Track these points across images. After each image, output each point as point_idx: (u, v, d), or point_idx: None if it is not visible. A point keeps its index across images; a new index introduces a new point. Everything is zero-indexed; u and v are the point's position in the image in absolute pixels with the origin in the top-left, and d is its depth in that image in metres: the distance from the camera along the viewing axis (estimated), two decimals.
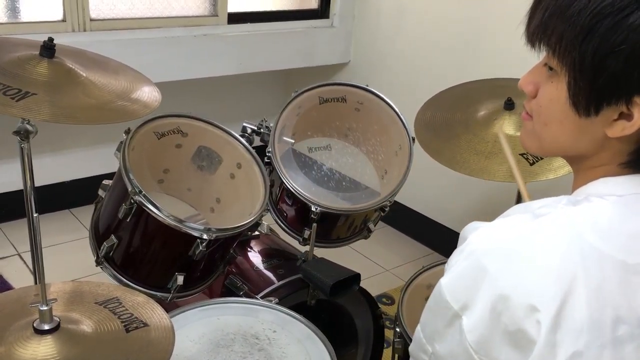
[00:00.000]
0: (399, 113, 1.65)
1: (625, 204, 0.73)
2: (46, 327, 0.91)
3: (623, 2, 0.67)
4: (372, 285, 2.33)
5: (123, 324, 0.97)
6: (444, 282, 0.75)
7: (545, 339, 0.67)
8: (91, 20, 2.38)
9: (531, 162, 1.44)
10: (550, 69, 0.75)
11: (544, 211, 0.73)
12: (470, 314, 0.72)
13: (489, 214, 0.80)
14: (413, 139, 1.62)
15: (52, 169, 2.71)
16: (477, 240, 0.74)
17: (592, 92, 0.71)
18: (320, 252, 1.69)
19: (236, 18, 2.75)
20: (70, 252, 2.46)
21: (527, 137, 0.82)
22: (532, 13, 0.76)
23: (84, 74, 1.23)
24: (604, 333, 0.67)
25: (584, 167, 0.79)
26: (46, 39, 1.27)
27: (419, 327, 0.83)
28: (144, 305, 1.03)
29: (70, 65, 1.23)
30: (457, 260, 0.75)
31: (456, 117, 1.57)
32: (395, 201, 1.66)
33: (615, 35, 0.67)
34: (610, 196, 0.73)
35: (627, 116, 0.71)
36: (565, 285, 0.67)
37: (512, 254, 0.71)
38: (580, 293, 0.67)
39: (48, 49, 1.21)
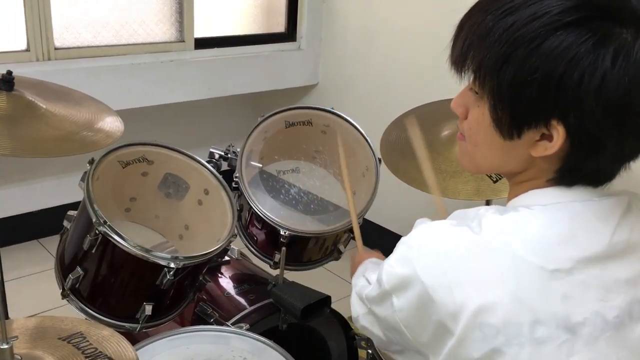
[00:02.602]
0: (364, 135, 1.67)
1: (547, 212, 0.76)
2: None
3: (534, 32, 0.70)
4: (346, 305, 2.31)
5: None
6: (386, 262, 0.82)
7: (462, 334, 0.73)
8: (55, 49, 2.36)
9: (494, 179, 1.46)
10: (476, 92, 0.78)
11: (476, 222, 0.77)
12: (400, 297, 0.80)
13: None
14: (379, 160, 1.64)
15: (20, 199, 2.66)
16: (416, 239, 0.80)
17: (512, 118, 0.74)
18: (292, 275, 1.69)
19: (203, 43, 2.76)
20: (38, 283, 2.42)
21: (462, 157, 0.87)
22: (454, 41, 0.79)
23: (44, 106, 1.22)
24: (521, 333, 0.72)
25: (516, 182, 0.83)
26: (7, 70, 1.26)
27: (362, 281, 0.97)
28: (109, 338, 1.01)
29: (30, 98, 1.22)
30: (400, 248, 0.82)
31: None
32: (366, 220, 1.66)
33: (529, 63, 0.70)
34: (535, 206, 0.77)
35: (549, 136, 0.73)
36: (488, 290, 0.73)
37: (442, 260, 0.76)
38: (500, 297, 0.72)
39: (6, 82, 1.20)
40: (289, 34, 3.03)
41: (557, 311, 0.72)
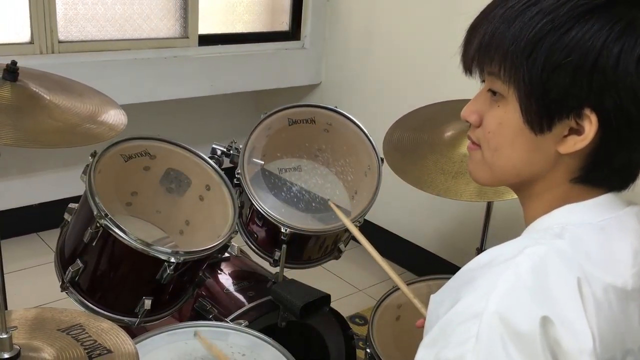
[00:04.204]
0: (367, 134, 1.67)
1: (603, 231, 0.73)
2: (6, 355, 0.90)
3: (562, 17, 0.69)
4: (345, 305, 2.32)
5: (86, 351, 0.95)
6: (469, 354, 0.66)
7: None
8: (59, 42, 2.36)
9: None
10: (494, 93, 0.76)
11: (537, 250, 0.69)
12: None
13: (459, 232, 0.79)
14: (382, 160, 1.64)
15: (20, 192, 2.66)
16: (501, 303, 0.66)
17: (543, 107, 0.72)
18: (292, 273, 1.69)
19: (207, 40, 2.76)
20: (37, 277, 2.41)
21: (475, 168, 0.81)
22: (469, 38, 0.77)
23: (48, 97, 1.22)
24: None
25: (536, 193, 0.78)
26: (11, 60, 1.26)
27: None
28: (108, 331, 1.01)
29: (34, 89, 1.21)
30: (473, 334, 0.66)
31: (423, 138, 1.59)
32: (367, 221, 1.66)
33: (561, 48, 0.69)
34: (584, 224, 0.73)
35: (577, 131, 0.71)
36: (588, 326, 0.66)
37: (535, 297, 0.66)
38: (595, 333, 0.66)
39: (11, 72, 1.19)
40: (293, 33, 3.03)
41: (638, 335, 0.70)
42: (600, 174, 0.74)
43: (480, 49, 0.75)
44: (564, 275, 0.67)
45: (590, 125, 0.70)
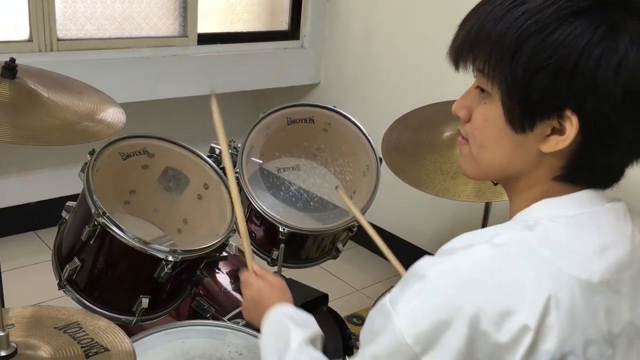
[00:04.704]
0: (366, 134, 1.67)
1: (576, 224, 0.73)
2: (3, 353, 0.89)
3: (547, 19, 0.69)
4: (343, 305, 2.32)
5: (83, 349, 0.95)
6: (402, 326, 0.70)
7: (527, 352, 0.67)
8: (58, 40, 2.35)
9: (495, 182, 1.45)
10: (483, 90, 0.77)
11: (502, 239, 0.71)
12: (434, 355, 0.69)
13: (457, 232, 0.79)
14: (380, 160, 1.64)
15: (18, 190, 2.66)
16: (441, 277, 0.70)
17: (524, 108, 0.72)
18: (290, 273, 1.68)
19: (206, 39, 2.75)
20: (34, 275, 2.41)
21: (464, 162, 0.83)
22: (457, 33, 0.78)
23: (47, 95, 1.22)
24: (575, 357, 0.68)
25: (520, 189, 0.79)
26: (10, 58, 1.25)
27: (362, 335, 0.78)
28: (105, 329, 1.01)
29: (33, 86, 1.21)
30: (419, 301, 0.70)
31: (422, 138, 1.59)
32: (366, 221, 1.66)
33: (543, 50, 0.69)
34: (558, 218, 0.74)
35: (559, 131, 0.72)
36: (539, 313, 0.67)
37: (485, 284, 0.68)
38: (553, 321, 0.67)
39: (9, 69, 1.19)
40: (293, 33, 3.03)
41: (602, 327, 0.70)
42: (581, 174, 0.75)
43: (465, 44, 0.76)
44: (519, 267, 0.69)
45: (571, 126, 0.70)
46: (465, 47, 0.76)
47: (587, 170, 0.75)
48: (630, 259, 0.73)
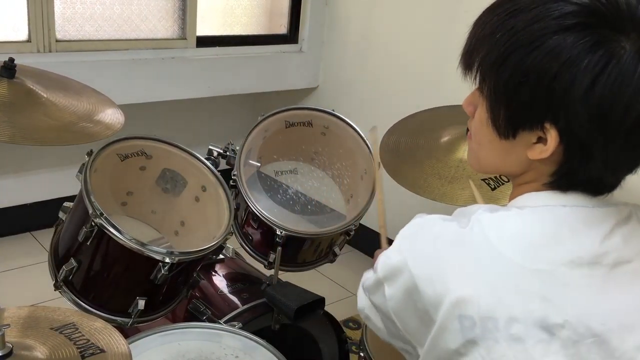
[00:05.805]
0: (364, 138, 1.67)
1: (535, 214, 0.77)
2: None
3: (533, 35, 0.71)
4: (339, 309, 2.32)
5: (79, 350, 0.94)
6: (384, 253, 0.84)
7: (441, 324, 0.75)
8: (57, 41, 2.35)
9: (492, 187, 1.46)
10: (482, 92, 0.80)
11: (466, 218, 0.78)
12: (391, 285, 0.82)
13: None
14: (378, 164, 1.63)
15: (14, 191, 2.65)
16: (409, 230, 0.83)
17: (507, 118, 0.76)
18: (286, 276, 1.68)
19: (205, 41, 2.76)
20: (30, 276, 2.40)
21: (469, 156, 0.89)
22: (465, 42, 0.82)
23: (45, 95, 1.22)
24: (497, 328, 0.73)
25: (517, 183, 0.84)
26: (9, 57, 1.25)
27: (369, 272, 0.93)
28: (101, 330, 1.01)
29: (31, 86, 1.21)
30: (396, 239, 0.83)
31: (420, 143, 1.59)
32: (363, 225, 1.66)
33: (525, 65, 0.72)
34: (526, 207, 0.78)
35: (544, 140, 0.75)
36: (467, 282, 0.74)
37: (428, 251, 0.78)
38: (478, 290, 0.73)
39: (8, 69, 1.19)
40: (291, 36, 3.03)
41: (534, 310, 0.73)
42: (568, 182, 0.78)
43: (467, 53, 0.80)
44: (481, 244, 0.75)
45: (552, 138, 0.73)
46: (467, 55, 0.80)
47: (574, 180, 0.78)
48: (592, 261, 0.75)
